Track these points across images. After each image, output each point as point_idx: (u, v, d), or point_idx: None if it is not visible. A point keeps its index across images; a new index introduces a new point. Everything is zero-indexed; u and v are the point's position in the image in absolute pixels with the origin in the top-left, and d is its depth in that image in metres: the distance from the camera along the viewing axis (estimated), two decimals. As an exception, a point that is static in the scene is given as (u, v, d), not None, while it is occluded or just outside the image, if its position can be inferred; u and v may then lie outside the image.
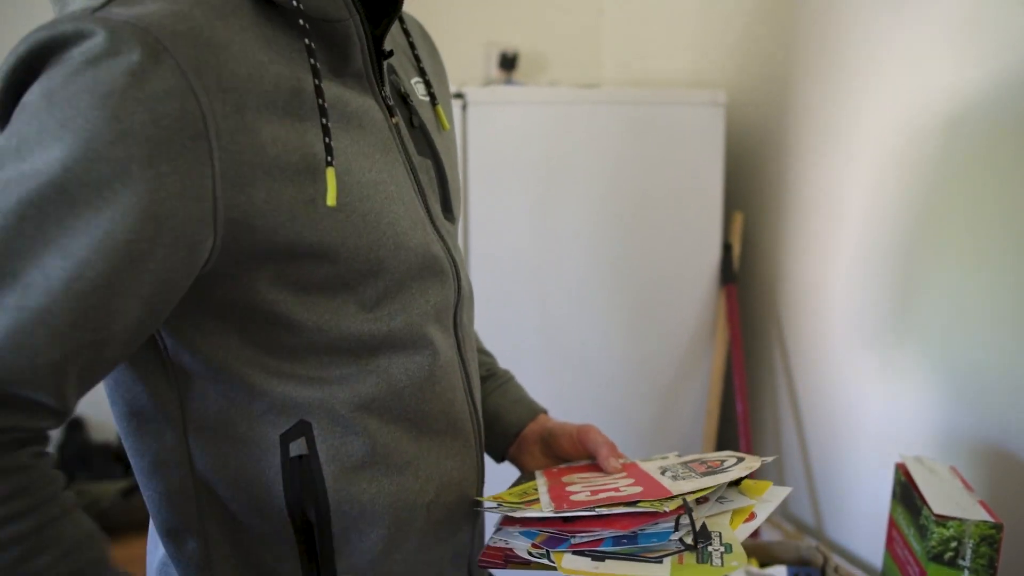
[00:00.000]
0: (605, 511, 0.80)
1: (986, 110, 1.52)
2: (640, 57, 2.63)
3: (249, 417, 0.77)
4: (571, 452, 1.00)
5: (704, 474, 0.86)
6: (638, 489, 0.83)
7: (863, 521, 1.86)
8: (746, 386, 2.16)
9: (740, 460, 0.89)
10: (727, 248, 2.13)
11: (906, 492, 1.36)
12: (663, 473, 0.88)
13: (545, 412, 1.07)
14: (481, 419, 0.93)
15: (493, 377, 1.08)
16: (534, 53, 2.62)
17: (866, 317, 1.82)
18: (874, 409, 1.81)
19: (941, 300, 1.63)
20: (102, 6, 0.65)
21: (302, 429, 0.78)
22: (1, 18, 2.25)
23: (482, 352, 1.11)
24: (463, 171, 1.87)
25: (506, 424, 1.05)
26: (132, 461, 0.81)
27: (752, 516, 0.82)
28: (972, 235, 1.56)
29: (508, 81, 2.43)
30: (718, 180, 2.09)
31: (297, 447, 0.78)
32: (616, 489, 0.84)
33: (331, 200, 0.71)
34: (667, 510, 0.78)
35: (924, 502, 1.26)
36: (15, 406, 0.64)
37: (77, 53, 0.63)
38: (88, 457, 2.58)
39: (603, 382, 2.06)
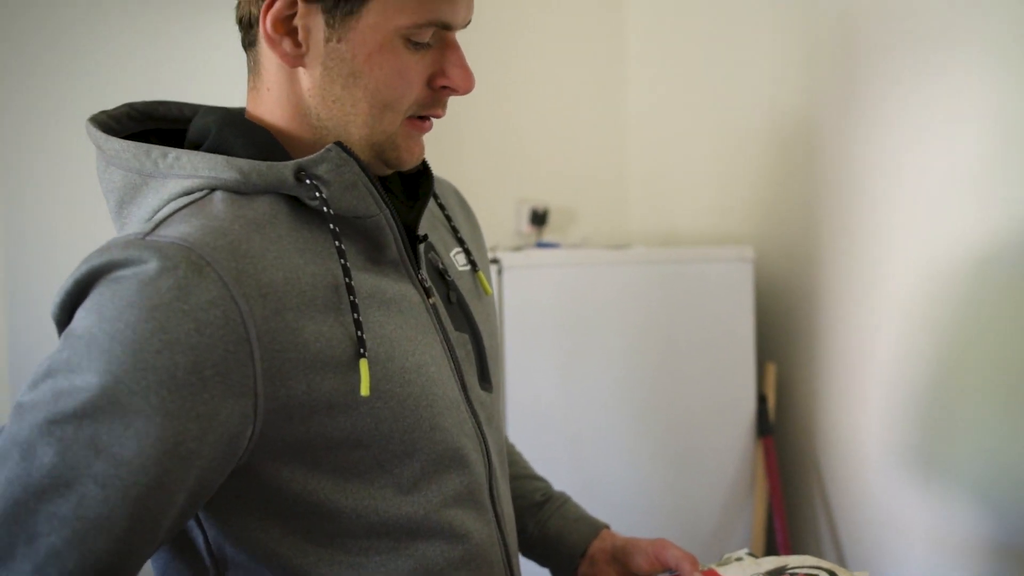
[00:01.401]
0: None
1: (1012, 252, 1.54)
2: (666, 213, 2.71)
3: None
4: (647, 569, 1.02)
5: None
6: None
7: None
8: (789, 540, 2.12)
9: None
10: (762, 400, 2.14)
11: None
12: None
13: (607, 527, 1.09)
14: None
15: (550, 500, 1.11)
16: (564, 209, 2.71)
17: (905, 464, 1.80)
18: (920, 560, 1.76)
19: (978, 442, 1.62)
20: (151, 231, 0.72)
21: None
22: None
23: (535, 478, 1.13)
24: (500, 330, 1.92)
25: (571, 544, 1.07)
26: None
27: None
28: (1003, 376, 1.57)
29: (539, 242, 2.51)
30: (749, 333, 2.12)
31: None
32: None
33: (364, 391, 0.75)
34: None
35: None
36: None
37: (128, 274, 0.69)
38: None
39: (640, 535, 2.04)
